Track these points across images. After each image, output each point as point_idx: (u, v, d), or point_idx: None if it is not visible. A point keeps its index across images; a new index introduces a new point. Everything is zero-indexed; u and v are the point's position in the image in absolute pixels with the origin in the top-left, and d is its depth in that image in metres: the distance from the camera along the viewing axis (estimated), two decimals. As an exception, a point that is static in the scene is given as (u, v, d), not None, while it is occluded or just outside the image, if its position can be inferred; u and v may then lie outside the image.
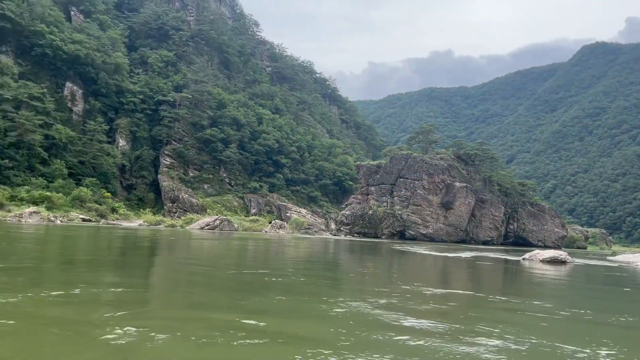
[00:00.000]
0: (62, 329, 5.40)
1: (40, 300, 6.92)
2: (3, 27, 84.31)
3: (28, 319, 5.78)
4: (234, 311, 7.21)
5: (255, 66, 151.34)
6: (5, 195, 62.99)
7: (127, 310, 6.75)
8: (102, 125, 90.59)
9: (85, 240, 24.07)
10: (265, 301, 8.27)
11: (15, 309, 6.23)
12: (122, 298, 7.76)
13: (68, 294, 7.70)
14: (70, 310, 6.44)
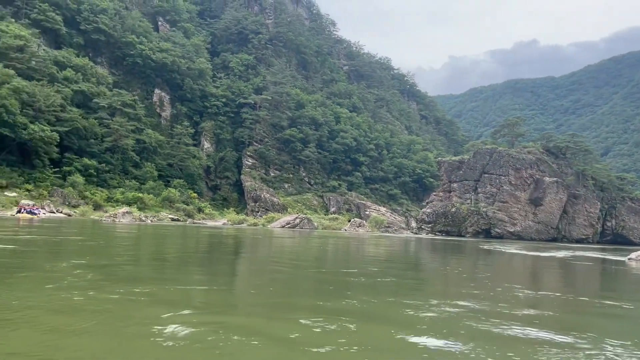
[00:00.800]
0: (143, 325, 5.33)
1: (127, 298, 6.98)
2: (98, 39, 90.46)
3: (113, 315, 5.80)
4: (316, 312, 6.89)
5: (333, 65, 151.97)
6: (103, 197, 67.53)
7: (210, 310, 6.67)
8: (188, 129, 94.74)
9: (174, 239, 24.96)
10: (347, 302, 7.90)
11: (103, 305, 6.33)
12: (207, 297, 7.71)
13: (155, 292, 7.79)
14: (156, 308, 6.44)
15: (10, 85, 63.39)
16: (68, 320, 5.54)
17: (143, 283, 8.60)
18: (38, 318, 5.59)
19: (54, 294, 6.98)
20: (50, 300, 6.52)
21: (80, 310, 6.10)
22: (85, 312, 5.98)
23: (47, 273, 9.06)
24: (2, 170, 60.32)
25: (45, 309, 6.03)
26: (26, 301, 6.34)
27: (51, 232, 22.67)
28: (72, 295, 6.92)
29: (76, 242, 18.15)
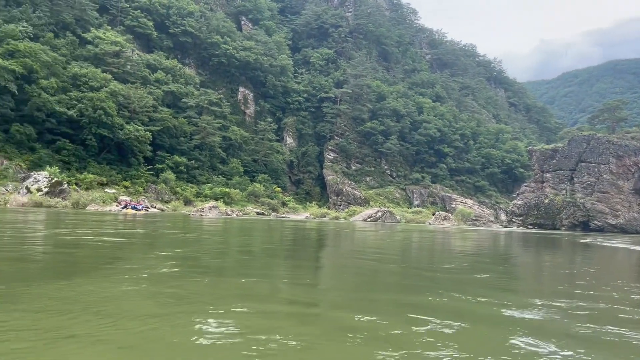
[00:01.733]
0: (226, 320, 5.10)
1: (211, 290, 6.82)
2: (186, 42, 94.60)
3: (195, 307, 5.66)
4: (400, 308, 6.38)
5: (414, 55, 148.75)
6: (192, 192, 70.57)
7: (294, 303, 6.38)
8: (272, 125, 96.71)
9: (259, 232, 25.27)
10: (434, 299, 7.30)
11: (188, 295, 6.28)
12: (292, 291, 7.45)
13: (241, 284, 7.69)
14: (239, 301, 6.26)
15: (108, 88, 67.86)
16: (154, 309, 5.55)
17: (228, 275, 8.73)
18: (124, 305, 5.62)
19: (145, 283, 7.14)
20: (139, 289, 6.64)
21: (166, 297, 6.19)
22: (171, 300, 6.03)
23: (140, 263, 9.38)
24: (102, 169, 64.78)
25: (134, 297, 6.10)
26: (115, 289, 6.44)
27: (148, 226, 23.80)
28: (159, 285, 7.03)
29: (169, 235, 18.82)
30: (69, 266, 8.92)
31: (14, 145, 59.71)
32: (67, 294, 6.08)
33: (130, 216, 36.43)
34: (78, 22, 79.29)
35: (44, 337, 4.24)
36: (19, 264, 8.75)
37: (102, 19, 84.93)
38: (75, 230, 17.87)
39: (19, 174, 55.92)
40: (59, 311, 5.19)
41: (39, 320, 4.75)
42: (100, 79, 69.23)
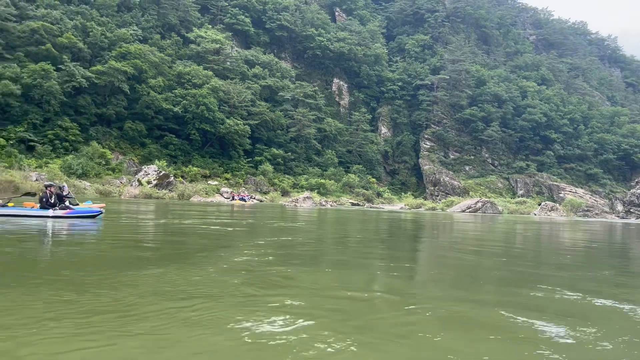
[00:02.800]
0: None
1: (315, 278, 6.66)
2: (281, 36, 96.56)
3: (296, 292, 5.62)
4: (505, 306, 5.76)
5: (517, 36, 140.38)
6: (289, 184, 72.11)
7: (392, 296, 6.04)
8: (366, 115, 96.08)
9: (354, 222, 25.08)
10: (538, 296, 6.58)
11: (289, 279, 6.40)
12: (389, 284, 7.16)
13: (342, 274, 7.60)
14: (342, 291, 6.14)
15: (209, 85, 71.05)
16: (253, 291, 5.81)
17: (324, 264, 8.72)
18: (229, 289, 5.87)
19: (247, 268, 7.51)
20: (241, 274, 6.95)
21: (262, 282, 6.43)
22: (269, 285, 6.27)
23: (244, 250, 9.80)
24: (205, 162, 68.10)
25: (236, 281, 6.38)
26: (218, 275, 6.66)
27: (249, 216, 24.60)
28: (260, 270, 7.37)
29: (268, 224, 19.26)
30: (179, 252, 9.54)
31: (127, 141, 64.46)
32: (175, 278, 6.36)
33: (238, 207, 37.96)
34: (182, 23, 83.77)
35: (165, 319, 4.41)
36: (134, 251, 9.40)
37: (203, 18, 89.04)
38: (191, 219, 18.84)
39: (131, 167, 60.27)
40: (170, 294, 5.44)
41: (156, 304, 4.95)
42: (202, 76, 72.66)
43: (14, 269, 6.88)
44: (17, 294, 5.15)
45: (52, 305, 4.73)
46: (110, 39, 67.47)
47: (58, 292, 5.31)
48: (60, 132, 56.90)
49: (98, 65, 62.70)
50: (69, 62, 59.82)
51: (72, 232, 12.47)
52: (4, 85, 52.91)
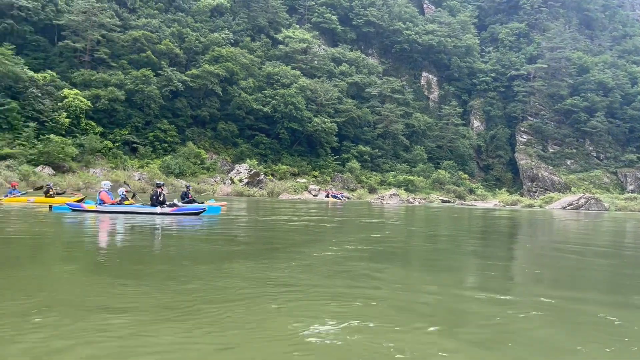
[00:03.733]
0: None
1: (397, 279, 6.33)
2: (368, 32, 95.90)
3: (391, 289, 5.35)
4: (615, 310, 5.10)
5: (625, 18, 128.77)
6: (377, 181, 71.45)
7: (487, 295, 5.55)
8: (457, 109, 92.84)
9: (444, 220, 24.19)
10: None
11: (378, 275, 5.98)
12: (484, 284, 6.74)
13: (433, 272, 7.37)
14: (433, 287, 5.85)
15: (297, 84, 72.16)
16: (345, 289, 5.65)
17: (414, 262, 8.56)
18: (313, 283, 5.90)
19: (336, 262, 7.59)
20: (331, 268, 7.01)
21: (354, 278, 6.35)
22: (361, 280, 6.18)
23: (332, 245, 9.79)
24: (294, 160, 69.28)
25: (322, 277, 6.36)
26: (304, 270, 6.57)
27: (338, 213, 24.60)
28: (349, 265, 7.44)
29: (356, 220, 19.13)
30: (275, 246, 9.87)
31: (220, 142, 67.13)
32: (263, 272, 6.43)
33: (332, 204, 38.21)
34: (271, 25, 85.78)
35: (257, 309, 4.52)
36: (230, 245, 9.75)
37: (291, 19, 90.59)
38: (285, 216, 19.17)
39: (224, 166, 62.68)
40: (261, 286, 5.56)
41: (245, 296, 5.07)
42: (291, 75, 73.96)
43: (132, 261, 7.38)
44: (135, 285, 5.52)
45: (162, 294, 5.05)
46: (204, 43, 70.60)
47: (164, 282, 5.67)
48: (160, 134, 60.45)
49: (193, 69, 65.85)
50: (166, 67, 63.36)
51: (178, 228, 13.12)
52: (110, 91, 57.12)
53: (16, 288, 5.15)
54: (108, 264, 7.07)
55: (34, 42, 60.22)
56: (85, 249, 8.70)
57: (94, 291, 5.08)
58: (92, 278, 5.80)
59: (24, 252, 7.97)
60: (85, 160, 51.36)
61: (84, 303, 4.57)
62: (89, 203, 17.18)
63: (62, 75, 57.54)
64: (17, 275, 5.85)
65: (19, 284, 5.40)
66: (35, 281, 5.55)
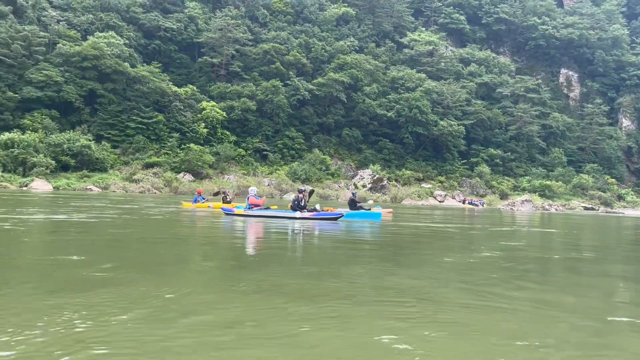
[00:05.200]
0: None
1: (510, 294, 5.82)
2: (499, 30, 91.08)
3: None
4: None
5: None
6: (509, 186, 67.30)
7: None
8: (602, 107, 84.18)
9: (590, 229, 21.93)
10: None
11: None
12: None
13: (576, 290, 6.39)
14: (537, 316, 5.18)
15: (422, 87, 70.75)
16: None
17: (553, 276, 7.65)
18: (445, 292, 5.59)
19: (470, 269, 7.26)
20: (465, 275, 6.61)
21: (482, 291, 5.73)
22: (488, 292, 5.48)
23: (464, 251, 9.43)
24: (419, 165, 67.90)
25: (448, 286, 5.90)
26: (431, 278, 6.28)
27: (471, 220, 23.60)
28: (484, 273, 6.79)
29: (488, 228, 18.09)
30: (403, 251, 9.64)
31: (345, 148, 68.03)
32: (388, 279, 6.23)
33: (468, 211, 36.80)
34: (396, 29, 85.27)
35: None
36: (354, 249, 9.68)
37: (417, 22, 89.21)
38: (415, 222, 18.82)
39: (349, 172, 63.38)
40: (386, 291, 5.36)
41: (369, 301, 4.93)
42: (416, 79, 72.76)
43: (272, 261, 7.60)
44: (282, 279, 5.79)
45: (298, 290, 5.23)
46: (330, 52, 72.25)
47: (298, 280, 5.83)
48: (288, 142, 62.91)
49: (319, 77, 67.67)
50: (294, 77, 65.86)
51: (315, 232, 13.39)
52: (243, 102, 60.80)
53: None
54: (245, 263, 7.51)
55: (178, 60, 66.32)
56: (235, 247, 9.47)
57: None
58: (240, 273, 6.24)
59: (196, 251, 8.56)
60: (220, 167, 55.14)
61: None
62: (239, 208, 18.53)
63: (201, 89, 62.54)
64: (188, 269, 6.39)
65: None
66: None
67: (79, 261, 6.59)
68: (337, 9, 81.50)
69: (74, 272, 5.74)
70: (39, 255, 7.46)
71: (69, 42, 54.04)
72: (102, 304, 4.21)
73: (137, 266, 6.49)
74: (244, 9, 74.51)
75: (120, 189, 43.72)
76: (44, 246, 8.66)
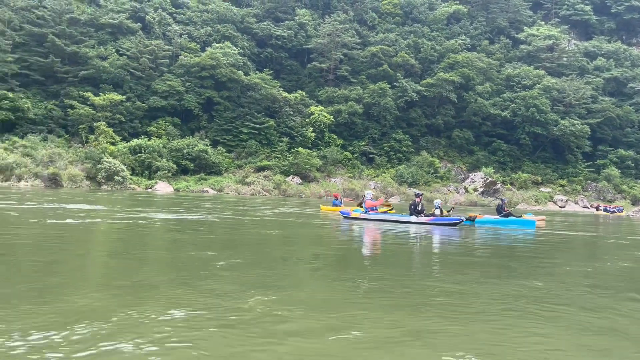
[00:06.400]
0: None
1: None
2: (632, 19, 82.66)
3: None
4: None
5: None
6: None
7: None
8: None
9: None
10: None
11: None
12: None
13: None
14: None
15: (541, 85, 66.13)
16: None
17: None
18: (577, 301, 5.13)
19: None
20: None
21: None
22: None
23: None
24: (537, 167, 63.49)
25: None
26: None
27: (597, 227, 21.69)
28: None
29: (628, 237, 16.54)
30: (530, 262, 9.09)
31: (455, 150, 65.67)
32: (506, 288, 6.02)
33: (603, 217, 34.32)
34: (512, 25, 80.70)
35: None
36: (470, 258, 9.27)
37: (535, 16, 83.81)
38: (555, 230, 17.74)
39: (459, 175, 61.06)
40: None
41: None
42: (533, 76, 68.24)
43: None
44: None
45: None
46: (439, 51, 70.22)
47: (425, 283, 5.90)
48: (395, 144, 62.08)
49: (428, 78, 66.00)
50: (402, 78, 64.88)
51: (430, 238, 13.06)
52: (350, 105, 61.12)
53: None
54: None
55: (288, 67, 68.39)
56: (355, 248, 9.27)
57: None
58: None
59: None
60: (327, 170, 55.87)
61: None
62: (357, 211, 18.60)
63: (310, 94, 63.88)
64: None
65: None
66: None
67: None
68: (448, 7, 78.99)
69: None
70: (187, 251, 8.12)
71: (190, 54, 58.09)
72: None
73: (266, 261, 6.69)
74: (352, 13, 74.95)
75: (233, 191, 45.95)
76: (186, 243, 9.50)
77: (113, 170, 41.37)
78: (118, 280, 5.46)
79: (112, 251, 8.25)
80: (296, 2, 74.35)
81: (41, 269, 6.05)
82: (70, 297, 4.46)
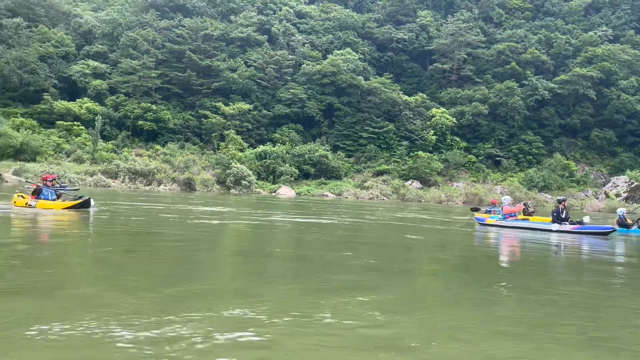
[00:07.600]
0: None
1: None
2: None
3: None
4: None
5: None
6: None
7: None
8: None
9: None
10: None
11: None
12: None
13: None
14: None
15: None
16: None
17: None
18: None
19: None
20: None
21: None
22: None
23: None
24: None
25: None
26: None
27: None
28: None
29: None
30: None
31: (594, 151, 60.01)
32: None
33: None
34: (663, 10, 71.77)
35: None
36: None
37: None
38: None
39: (599, 179, 55.67)
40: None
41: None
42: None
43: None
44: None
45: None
46: (575, 45, 64.70)
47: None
48: (524, 146, 58.27)
49: (561, 74, 61.08)
50: (532, 76, 60.76)
51: (574, 248, 12.10)
52: (474, 106, 58.57)
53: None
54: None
55: (409, 69, 67.47)
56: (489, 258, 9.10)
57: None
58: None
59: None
60: (449, 175, 54.02)
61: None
62: (493, 218, 17.83)
63: (431, 96, 62.34)
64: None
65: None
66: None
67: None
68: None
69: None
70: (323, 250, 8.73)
71: (312, 62, 59.81)
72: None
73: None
74: (477, 10, 71.86)
75: (352, 195, 46.28)
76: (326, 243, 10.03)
77: (240, 175, 43.86)
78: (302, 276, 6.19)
79: (293, 251, 9.12)
80: (418, 4, 73.16)
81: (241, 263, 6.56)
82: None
